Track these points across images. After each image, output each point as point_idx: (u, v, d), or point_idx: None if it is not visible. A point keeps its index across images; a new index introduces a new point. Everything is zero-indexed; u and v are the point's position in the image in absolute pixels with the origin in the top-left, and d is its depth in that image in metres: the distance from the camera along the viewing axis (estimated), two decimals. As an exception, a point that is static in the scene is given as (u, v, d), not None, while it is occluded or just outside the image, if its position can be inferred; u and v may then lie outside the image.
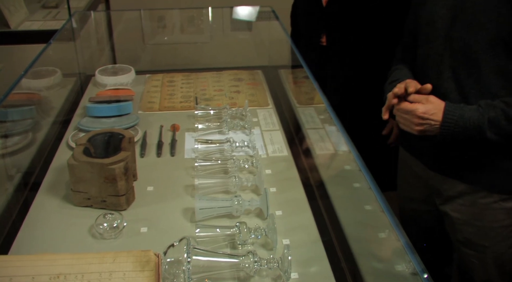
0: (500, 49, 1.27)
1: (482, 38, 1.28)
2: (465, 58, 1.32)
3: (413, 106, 1.33)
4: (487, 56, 1.29)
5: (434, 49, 1.39)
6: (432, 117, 1.32)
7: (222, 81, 1.99)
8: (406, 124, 1.37)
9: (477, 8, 1.27)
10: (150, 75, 2.06)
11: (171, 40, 2.63)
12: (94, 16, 2.42)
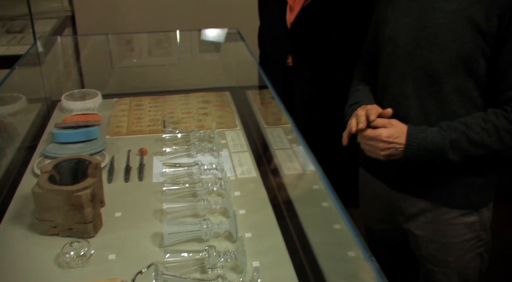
0: (460, 68, 1.31)
1: (443, 58, 1.32)
2: (426, 77, 1.36)
3: (377, 132, 1.36)
4: (448, 75, 1.33)
5: (396, 67, 1.42)
6: (396, 140, 1.34)
7: (190, 103, 1.99)
8: (371, 151, 1.39)
9: (439, 28, 1.31)
10: (117, 99, 2.05)
11: (139, 63, 2.63)
12: (60, 40, 2.40)
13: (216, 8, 3.31)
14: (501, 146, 1.31)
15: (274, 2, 1.85)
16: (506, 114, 1.29)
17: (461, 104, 1.35)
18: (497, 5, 1.24)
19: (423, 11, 1.34)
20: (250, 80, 2.17)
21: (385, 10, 1.46)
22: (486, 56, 1.29)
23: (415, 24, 1.36)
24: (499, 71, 1.29)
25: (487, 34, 1.26)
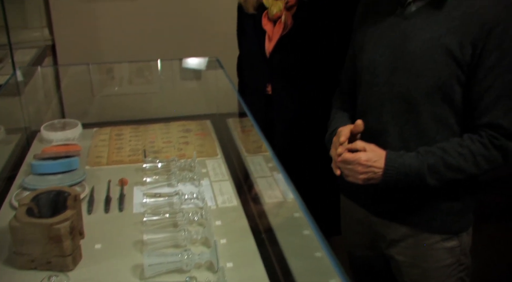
0: (436, 96, 1.34)
1: (420, 85, 1.35)
2: (404, 104, 1.39)
3: (356, 155, 1.38)
4: (425, 103, 1.36)
5: (375, 95, 1.45)
6: (375, 164, 1.36)
7: (171, 132, 2.00)
8: (350, 175, 1.41)
9: (415, 56, 1.34)
10: (97, 129, 2.05)
11: (120, 91, 2.64)
12: (40, 70, 2.40)
13: (196, 37, 3.36)
14: (477, 171, 1.34)
15: (252, 32, 1.88)
16: (481, 139, 1.32)
17: (438, 130, 1.37)
18: (470, 34, 1.28)
19: (399, 40, 1.38)
20: (231, 107, 2.18)
21: (362, 38, 1.50)
22: (462, 84, 1.33)
23: (392, 52, 1.39)
24: (474, 98, 1.33)
25: (461, 62, 1.30)
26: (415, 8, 1.36)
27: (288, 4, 1.76)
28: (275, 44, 1.79)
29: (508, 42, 1.27)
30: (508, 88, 1.30)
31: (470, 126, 1.36)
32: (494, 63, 1.28)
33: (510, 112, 1.31)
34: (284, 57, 1.77)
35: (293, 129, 1.84)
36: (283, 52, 1.78)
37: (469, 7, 1.29)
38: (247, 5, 1.85)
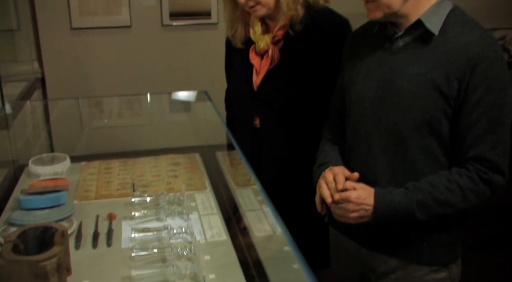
0: (424, 129, 1.36)
1: (408, 119, 1.37)
2: (392, 137, 1.41)
3: (346, 194, 1.38)
4: (413, 136, 1.38)
5: (363, 128, 1.47)
6: (365, 201, 1.37)
7: (160, 166, 2.00)
8: (341, 215, 1.41)
9: (402, 91, 1.37)
10: (86, 163, 2.05)
11: (109, 123, 2.65)
12: (30, 104, 2.41)
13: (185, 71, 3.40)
14: (466, 205, 1.35)
15: (240, 66, 1.91)
16: (469, 173, 1.34)
17: (427, 163, 1.39)
18: (456, 69, 1.31)
19: (387, 74, 1.41)
20: (219, 139, 2.20)
21: (351, 71, 1.53)
22: (449, 118, 1.35)
23: (380, 86, 1.42)
24: (461, 132, 1.35)
25: (448, 97, 1.33)
26: (402, 43, 1.40)
27: (275, 38, 1.79)
28: (262, 78, 1.82)
29: (493, 78, 1.30)
30: (494, 122, 1.32)
31: (457, 159, 1.38)
32: (479, 98, 1.31)
33: (496, 146, 1.33)
34: (271, 90, 1.80)
35: (281, 162, 1.85)
36: (270, 85, 1.81)
37: (455, 43, 1.32)
38: (235, 39, 1.88)
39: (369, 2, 1.37)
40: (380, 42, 1.45)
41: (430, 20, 1.35)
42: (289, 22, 1.74)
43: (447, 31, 1.35)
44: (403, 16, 1.37)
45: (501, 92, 1.32)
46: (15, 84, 2.96)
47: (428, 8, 1.36)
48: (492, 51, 1.31)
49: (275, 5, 1.73)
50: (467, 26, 1.35)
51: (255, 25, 1.83)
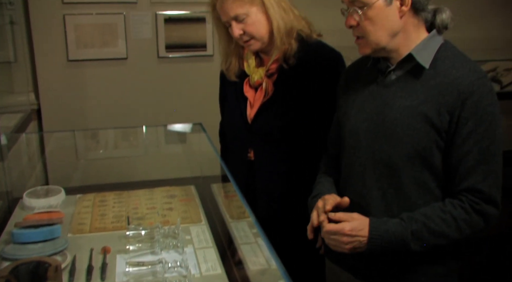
0: (417, 161, 1.38)
1: (401, 151, 1.39)
2: (386, 169, 1.42)
3: (340, 226, 1.39)
4: (406, 168, 1.39)
5: (358, 160, 1.49)
6: (360, 233, 1.37)
7: (155, 198, 2.00)
8: (336, 245, 1.41)
9: (395, 123, 1.39)
10: (81, 195, 2.04)
11: (105, 155, 2.65)
12: (25, 136, 2.42)
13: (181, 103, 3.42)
14: (460, 236, 1.36)
15: (234, 98, 1.93)
16: (462, 205, 1.35)
17: (420, 194, 1.40)
18: (448, 102, 1.33)
19: (380, 107, 1.43)
20: (214, 170, 2.20)
21: (345, 104, 1.55)
22: (441, 150, 1.37)
23: (374, 118, 1.44)
24: (453, 164, 1.37)
25: (440, 129, 1.35)
26: (395, 77, 1.43)
27: (269, 72, 1.82)
28: (256, 110, 1.84)
29: (482, 110, 1.32)
30: (485, 154, 1.34)
31: (451, 190, 1.39)
32: (470, 130, 1.33)
33: (488, 177, 1.35)
34: (265, 123, 1.81)
35: (275, 194, 1.85)
36: (264, 118, 1.83)
37: (445, 77, 1.35)
38: (229, 73, 1.90)
39: (359, 38, 1.41)
40: (373, 76, 1.48)
41: (421, 54, 1.38)
42: (282, 56, 1.77)
43: (438, 65, 1.38)
44: (393, 51, 1.40)
45: (492, 124, 1.34)
46: (11, 115, 2.97)
47: (419, 43, 1.39)
48: (482, 84, 1.34)
49: (269, 39, 1.76)
50: (457, 60, 1.38)
51: (249, 58, 1.86)
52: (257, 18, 1.72)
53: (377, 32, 1.37)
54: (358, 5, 1.36)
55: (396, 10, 1.35)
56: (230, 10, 1.71)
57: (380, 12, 1.35)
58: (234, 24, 1.73)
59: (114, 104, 3.35)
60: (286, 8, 1.76)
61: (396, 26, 1.37)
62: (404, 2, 1.35)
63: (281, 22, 1.73)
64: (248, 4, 1.70)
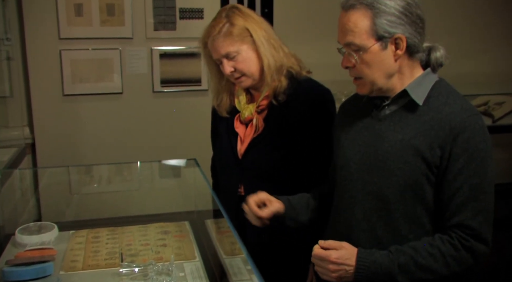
0: (408, 195, 1.39)
1: (392, 184, 1.40)
2: (376, 202, 1.43)
3: (327, 252, 1.39)
4: (397, 201, 1.40)
5: (349, 191, 1.50)
6: (346, 262, 1.37)
7: (149, 234, 1.99)
8: (323, 272, 1.41)
9: (388, 156, 1.41)
10: (74, 232, 2.02)
11: (99, 189, 2.64)
12: (18, 172, 2.41)
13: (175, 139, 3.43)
14: (448, 272, 1.36)
15: (225, 134, 1.95)
16: (452, 240, 1.36)
17: (411, 229, 1.41)
18: (439, 137, 1.35)
19: (373, 140, 1.45)
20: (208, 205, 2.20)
21: (340, 137, 1.57)
22: (432, 184, 1.38)
23: (366, 151, 1.46)
24: (444, 199, 1.38)
25: (431, 164, 1.36)
26: (389, 111, 1.45)
27: (259, 108, 1.85)
28: (246, 146, 1.86)
29: (474, 147, 1.34)
30: (476, 190, 1.36)
31: (441, 225, 1.40)
32: (461, 167, 1.35)
33: (478, 214, 1.35)
34: (255, 158, 1.84)
35: (265, 229, 1.85)
36: (254, 153, 1.85)
37: (438, 112, 1.38)
38: (220, 109, 1.94)
39: (356, 79, 1.44)
40: (368, 109, 1.51)
41: (415, 91, 1.41)
42: (272, 92, 1.81)
43: (431, 101, 1.41)
44: (389, 90, 1.43)
45: (483, 161, 1.35)
46: (5, 150, 2.97)
47: (414, 80, 1.42)
48: (474, 121, 1.36)
49: (259, 76, 1.80)
50: (450, 97, 1.41)
51: (240, 94, 1.90)
52: (247, 55, 1.77)
53: (373, 74, 1.40)
54: (353, 48, 1.39)
55: (391, 54, 1.38)
56: (221, 48, 1.75)
57: (375, 56, 1.38)
58: (225, 61, 1.77)
59: (109, 139, 3.35)
60: (276, 45, 1.80)
61: (391, 68, 1.40)
62: (399, 46, 1.38)
63: (271, 59, 1.77)
64: (239, 42, 1.75)
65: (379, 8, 1.35)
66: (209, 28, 1.80)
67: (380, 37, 1.36)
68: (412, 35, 1.38)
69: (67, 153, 3.26)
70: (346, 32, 1.39)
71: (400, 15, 1.35)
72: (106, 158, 3.18)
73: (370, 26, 1.36)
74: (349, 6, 1.38)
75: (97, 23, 3.32)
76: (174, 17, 3.43)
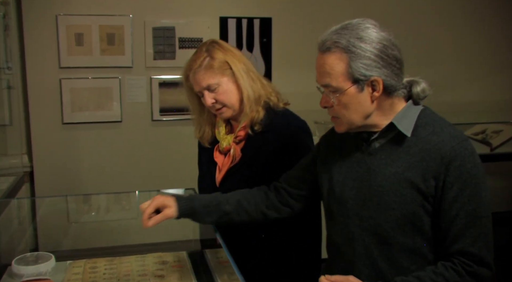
0: (407, 227, 1.39)
1: (390, 218, 1.40)
2: (376, 236, 1.43)
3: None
4: (396, 234, 1.40)
5: (347, 228, 1.50)
6: None
7: (147, 264, 1.97)
8: None
9: (382, 190, 1.41)
10: (71, 262, 2.00)
11: (96, 218, 2.63)
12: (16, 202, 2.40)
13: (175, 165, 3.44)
14: None
15: (206, 163, 2.04)
16: (455, 267, 1.35)
17: (412, 260, 1.40)
18: (432, 168, 1.36)
19: (366, 175, 1.45)
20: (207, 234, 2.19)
21: (331, 171, 1.57)
22: (429, 214, 1.38)
23: (361, 186, 1.46)
24: (442, 228, 1.38)
25: (426, 194, 1.37)
26: (378, 145, 1.46)
27: (237, 138, 1.91)
28: (223, 175, 1.92)
29: (466, 174, 1.35)
30: (473, 216, 1.36)
31: (442, 253, 1.39)
32: (456, 195, 1.35)
33: (477, 239, 1.35)
34: (232, 187, 1.87)
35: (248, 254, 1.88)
36: (230, 182, 1.90)
37: (427, 143, 1.39)
38: (203, 140, 2.03)
39: (334, 117, 1.45)
40: (357, 144, 1.51)
41: (402, 123, 1.42)
42: (249, 123, 1.87)
43: (419, 131, 1.41)
44: (370, 126, 1.45)
45: (477, 186, 1.36)
46: (3, 178, 2.97)
47: (399, 112, 1.43)
48: (463, 148, 1.36)
49: (239, 107, 1.87)
50: (437, 125, 1.42)
51: (220, 126, 1.98)
52: (228, 87, 1.84)
53: (350, 115, 1.42)
54: (331, 89, 1.41)
55: (368, 96, 1.40)
56: (203, 81, 1.83)
57: (352, 98, 1.39)
58: (206, 93, 1.84)
59: (108, 167, 3.36)
60: (254, 77, 1.88)
61: (369, 109, 1.41)
62: (376, 88, 1.39)
63: (250, 90, 1.84)
64: (219, 75, 1.82)
65: (355, 52, 1.36)
66: (190, 62, 1.88)
67: (356, 80, 1.37)
68: (389, 77, 1.38)
69: (65, 181, 3.26)
70: (323, 74, 1.41)
71: (376, 58, 1.36)
72: (105, 186, 3.18)
73: (346, 69, 1.37)
74: (325, 48, 1.40)
75: (97, 52, 3.37)
76: (173, 46, 3.48)
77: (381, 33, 1.38)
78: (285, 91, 2.00)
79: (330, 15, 3.54)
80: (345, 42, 1.36)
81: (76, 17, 3.30)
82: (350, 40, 1.36)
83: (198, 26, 3.51)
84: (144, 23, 3.43)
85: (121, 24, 3.39)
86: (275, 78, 3.54)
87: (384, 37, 1.38)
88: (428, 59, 3.91)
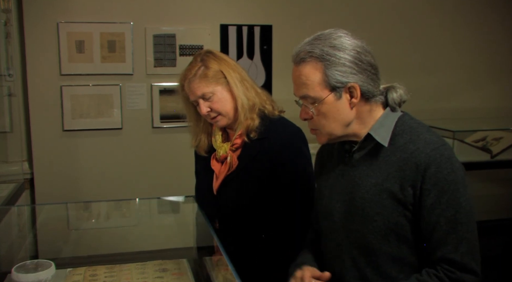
0: (391, 237, 1.39)
1: (374, 229, 1.40)
2: (362, 248, 1.43)
3: None
4: (381, 245, 1.40)
5: (334, 240, 1.50)
6: None
7: (147, 272, 1.97)
8: None
9: (365, 202, 1.41)
10: (71, 269, 2.00)
11: (96, 226, 2.63)
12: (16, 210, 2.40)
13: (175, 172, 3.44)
14: None
15: (203, 171, 2.04)
16: (438, 274, 1.35)
17: (400, 270, 1.41)
18: (408, 176, 1.36)
19: (350, 187, 1.46)
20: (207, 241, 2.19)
21: (319, 185, 1.59)
22: (411, 223, 1.38)
23: (345, 199, 1.47)
24: (424, 235, 1.38)
25: (406, 203, 1.37)
26: (359, 156, 1.46)
27: (234, 146, 1.91)
28: (220, 182, 1.93)
29: (443, 180, 1.34)
30: (453, 223, 1.34)
31: (427, 260, 1.39)
32: (433, 202, 1.35)
33: (459, 246, 1.34)
34: (228, 195, 1.89)
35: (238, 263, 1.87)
36: (228, 190, 1.91)
37: (404, 152, 1.38)
38: (199, 149, 2.04)
39: (312, 129, 1.46)
40: (341, 156, 1.52)
41: (379, 133, 1.42)
42: (245, 130, 1.88)
43: (397, 140, 1.41)
44: (350, 135, 1.45)
45: (454, 192, 1.34)
46: (4, 185, 2.97)
47: (376, 122, 1.43)
48: (439, 154, 1.35)
49: (234, 115, 1.88)
50: (414, 132, 1.41)
51: (216, 134, 1.99)
52: (222, 95, 1.86)
53: (330, 124, 1.42)
54: (309, 101, 1.41)
55: (347, 103, 1.40)
56: (197, 90, 1.84)
57: (331, 106, 1.40)
58: (201, 102, 1.86)
59: (108, 174, 3.36)
60: (248, 86, 1.90)
61: (348, 117, 1.42)
62: (353, 94, 1.39)
63: (244, 99, 1.85)
64: (213, 84, 1.84)
65: (329, 60, 1.37)
66: (185, 72, 1.90)
67: (333, 87, 1.38)
68: (366, 82, 1.39)
69: (65, 188, 3.26)
70: (300, 85, 1.42)
71: (351, 65, 1.37)
72: (105, 193, 3.18)
73: (322, 78, 1.38)
74: (299, 59, 1.41)
75: (98, 60, 3.38)
76: (174, 53, 3.49)
77: (354, 40, 1.40)
78: (285, 98, 2.01)
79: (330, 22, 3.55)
80: (319, 51, 1.38)
81: (77, 24, 3.32)
82: (323, 49, 1.37)
83: (198, 34, 3.53)
84: (145, 30, 3.44)
85: (122, 31, 3.40)
86: (276, 85, 3.55)
87: (357, 44, 1.39)
88: (429, 66, 3.92)
